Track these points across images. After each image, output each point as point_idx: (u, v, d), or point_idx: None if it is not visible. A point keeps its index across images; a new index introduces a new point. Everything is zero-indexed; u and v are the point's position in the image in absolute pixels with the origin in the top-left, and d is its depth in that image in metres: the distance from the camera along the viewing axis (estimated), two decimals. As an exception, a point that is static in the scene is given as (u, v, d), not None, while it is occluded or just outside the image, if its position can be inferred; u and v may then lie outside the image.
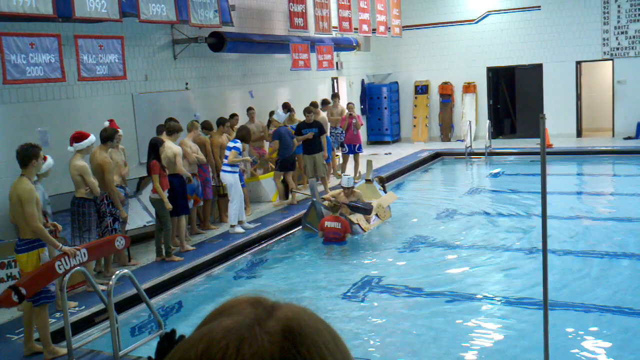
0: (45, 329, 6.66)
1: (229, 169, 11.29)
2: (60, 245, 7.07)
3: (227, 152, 11.37)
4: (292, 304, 0.82)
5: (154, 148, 9.71)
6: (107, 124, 9.57)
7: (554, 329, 6.51)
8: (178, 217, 10.28)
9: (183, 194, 10.37)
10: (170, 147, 10.20)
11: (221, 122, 12.17)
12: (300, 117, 14.77)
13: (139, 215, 10.89)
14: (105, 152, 8.98)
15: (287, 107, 14.64)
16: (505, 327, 7.40)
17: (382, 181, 13.81)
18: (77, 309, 7.83)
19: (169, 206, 9.70)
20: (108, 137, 9.06)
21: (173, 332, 0.85)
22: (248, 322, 0.75)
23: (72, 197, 8.60)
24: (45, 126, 10.05)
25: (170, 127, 10.43)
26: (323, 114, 15.70)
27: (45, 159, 7.68)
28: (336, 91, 19.69)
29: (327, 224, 11.13)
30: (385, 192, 13.35)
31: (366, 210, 11.73)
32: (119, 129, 9.73)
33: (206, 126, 11.89)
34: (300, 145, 13.83)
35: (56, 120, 10.21)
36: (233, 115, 13.32)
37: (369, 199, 12.35)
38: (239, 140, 11.47)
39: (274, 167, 13.87)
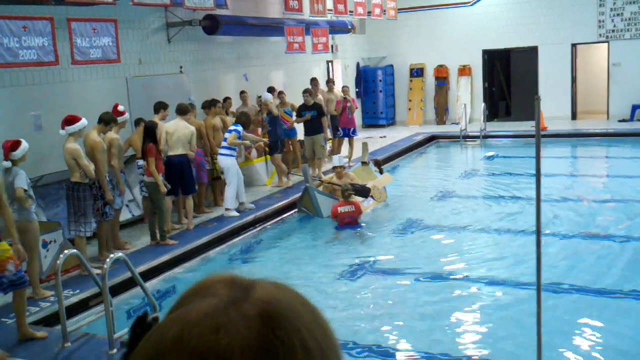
0: (23, 311, 6.66)
1: (226, 152, 11.30)
2: None
3: (226, 135, 11.40)
4: (268, 282, 0.78)
5: (150, 131, 9.70)
6: (121, 108, 9.78)
7: (547, 312, 6.54)
8: (186, 196, 10.62)
9: (190, 173, 10.53)
10: (187, 126, 10.50)
11: (212, 103, 12.10)
12: (291, 100, 14.78)
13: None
14: (97, 133, 8.97)
15: (271, 90, 14.67)
16: (499, 309, 7.44)
17: (379, 164, 13.82)
18: (71, 292, 7.83)
19: (164, 189, 9.70)
20: (104, 120, 9.09)
21: (145, 315, 0.81)
22: (223, 306, 0.72)
23: (67, 182, 8.59)
24: (39, 110, 10.01)
25: (183, 107, 10.52)
26: (321, 96, 15.65)
27: (19, 143, 7.63)
28: (331, 76, 19.62)
29: (341, 209, 11.12)
30: (382, 175, 13.36)
31: (362, 192, 11.76)
32: (125, 113, 9.79)
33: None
34: (294, 127, 13.96)
35: (50, 104, 10.16)
36: (226, 99, 13.27)
37: (365, 180, 12.38)
38: (240, 126, 11.51)
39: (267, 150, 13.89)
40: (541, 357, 5.02)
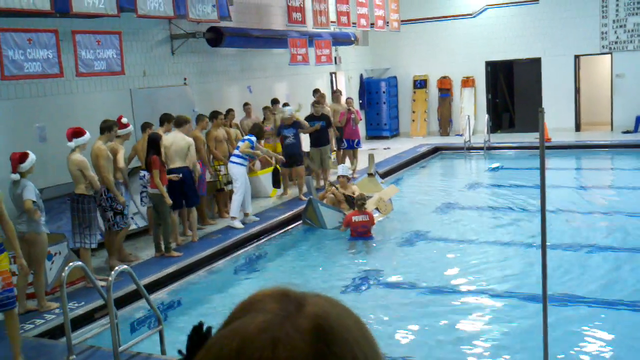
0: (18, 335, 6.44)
1: (237, 160, 11.33)
2: None
3: (240, 144, 11.45)
4: (318, 296, 0.82)
5: (154, 143, 9.71)
6: (125, 120, 9.89)
7: (553, 323, 6.52)
8: (189, 208, 10.55)
9: (191, 184, 10.46)
10: (183, 137, 10.43)
11: (214, 115, 12.08)
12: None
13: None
14: (102, 142, 9.02)
15: (275, 101, 14.85)
16: (504, 321, 7.40)
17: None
18: (76, 304, 7.83)
19: (169, 201, 9.71)
20: (106, 127, 9.13)
21: (201, 325, 0.86)
22: (279, 320, 0.76)
23: (72, 194, 8.61)
24: (44, 122, 10.04)
25: (180, 120, 10.53)
26: (328, 107, 15.66)
27: (27, 155, 7.67)
28: (335, 88, 19.66)
29: (355, 218, 11.00)
30: (387, 187, 13.36)
31: (350, 202, 11.75)
32: (129, 125, 9.85)
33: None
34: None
35: (54, 116, 10.19)
36: (229, 111, 13.27)
37: (371, 192, 12.36)
38: (254, 135, 11.59)
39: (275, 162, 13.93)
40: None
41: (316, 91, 16.24)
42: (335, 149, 15.99)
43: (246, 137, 11.68)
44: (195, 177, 10.65)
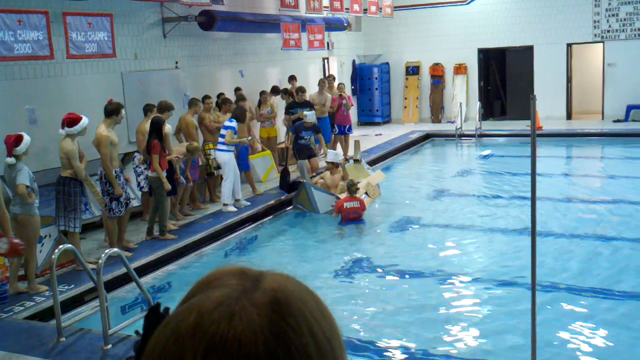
0: None
1: (224, 147, 11.28)
2: None
3: (223, 132, 11.37)
4: (275, 273, 0.82)
5: (156, 127, 9.65)
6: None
7: (542, 311, 6.57)
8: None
9: (171, 175, 10.20)
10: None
11: (193, 102, 11.91)
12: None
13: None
14: (106, 126, 8.91)
15: (276, 89, 14.80)
16: (493, 308, 7.45)
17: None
18: (66, 287, 7.82)
19: (168, 186, 9.68)
20: (113, 110, 9.01)
21: (157, 305, 0.85)
22: (236, 295, 0.76)
23: (58, 176, 8.50)
24: (34, 104, 9.98)
25: (163, 105, 10.42)
26: (328, 95, 15.51)
27: (22, 137, 7.63)
28: (327, 73, 19.61)
29: (347, 204, 11.06)
30: (374, 172, 13.38)
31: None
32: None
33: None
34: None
35: (44, 98, 10.13)
36: (219, 95, 13.19)
37: (357, 178, 12.38)
38: (234, 120, 11.48)
39: (264, 148, 13.98)
40: (536, 354, 5.04)
41: (292, 77, 16.26)
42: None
43: (227, 123, 11.46)
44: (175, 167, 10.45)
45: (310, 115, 12.95)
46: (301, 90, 14.43)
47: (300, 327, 0.75)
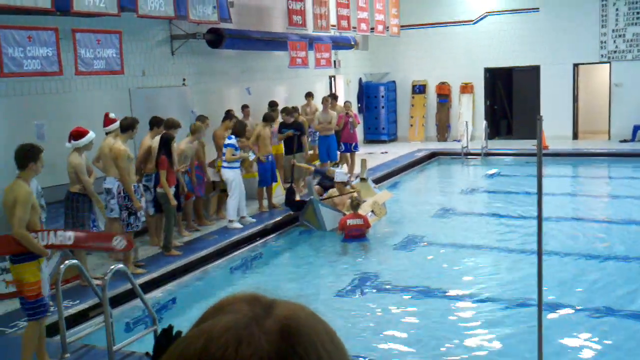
0: (31, 346, 6.19)
1: (227, 164, 11.31)
2: (49, 252, 6.63)
3: (224, 150, 11.39)
4: (289, 302, 0.82)
5: (165, 143, 9.71)
6: (112, 115, 9.61)
7: (549, 330, 6.53)
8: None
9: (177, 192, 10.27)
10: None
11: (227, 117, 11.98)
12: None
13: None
14: (122, 141, 8.98)
15: (273, 104, 14.58)
16: (499, 327, 7.41)
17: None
18: (71, 302, 7.81)
19: (174, 202, 9.73)
20: (128, 125, 9.13)
21: (170, 328, 0.86)
22: (246, 321, 0.76)
23: (67, 192, 8.55)
24: (42, 120, 10.04)
25: (170, 123, 10.46)
26: (333, 112, 15.43)
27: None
28: (333, 91, 19.65)
29: (350, 221, 11.08)
30: (381, 191, 13.37)
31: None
32: (116, 120, 9.73)
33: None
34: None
35: (53, 114, 10.19)
36: (228, 112, 13.23)
37: (363, 197, 12.38)
38: (233, 137, 11.48)
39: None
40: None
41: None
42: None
43: (227, 141, 11.44)
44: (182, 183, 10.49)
45: (338, 175, 12.74)
46: (287, 111, 13.79)
47: (309, 357, 0.74)
